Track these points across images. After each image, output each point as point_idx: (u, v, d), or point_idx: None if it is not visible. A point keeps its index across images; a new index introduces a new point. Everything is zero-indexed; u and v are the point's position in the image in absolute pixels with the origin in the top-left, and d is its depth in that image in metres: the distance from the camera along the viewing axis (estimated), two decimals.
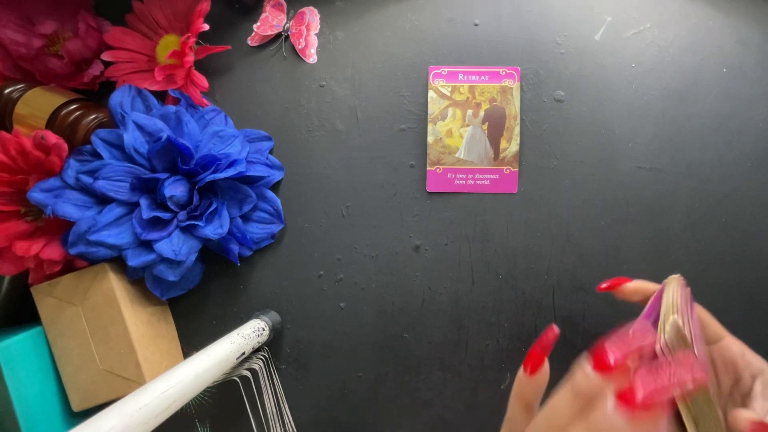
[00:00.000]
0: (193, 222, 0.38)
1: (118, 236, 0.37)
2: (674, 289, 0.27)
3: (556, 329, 0.26)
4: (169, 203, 0.38)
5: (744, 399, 0.26)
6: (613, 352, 0.20)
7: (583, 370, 0.20)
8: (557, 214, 0.42)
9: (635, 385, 0.18)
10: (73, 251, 0.37)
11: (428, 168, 0.42)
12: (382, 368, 0.43)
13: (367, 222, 0.43)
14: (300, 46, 0.43)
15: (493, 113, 0.42)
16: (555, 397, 0.21)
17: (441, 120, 0.42)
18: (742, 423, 0.23)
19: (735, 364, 0.27)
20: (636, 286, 0.32)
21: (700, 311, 0.28)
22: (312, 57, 0.43)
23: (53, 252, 0.38)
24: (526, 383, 0.25)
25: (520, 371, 0.25)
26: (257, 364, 0.40)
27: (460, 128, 0.42)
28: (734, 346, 0.27)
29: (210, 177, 0.38)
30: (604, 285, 0.33)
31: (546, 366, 0.25)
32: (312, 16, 0.43)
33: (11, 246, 0.37)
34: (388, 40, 0.43)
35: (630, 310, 0.41)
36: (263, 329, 0.40)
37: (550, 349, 0.25)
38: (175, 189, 0.38)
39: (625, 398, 0.18)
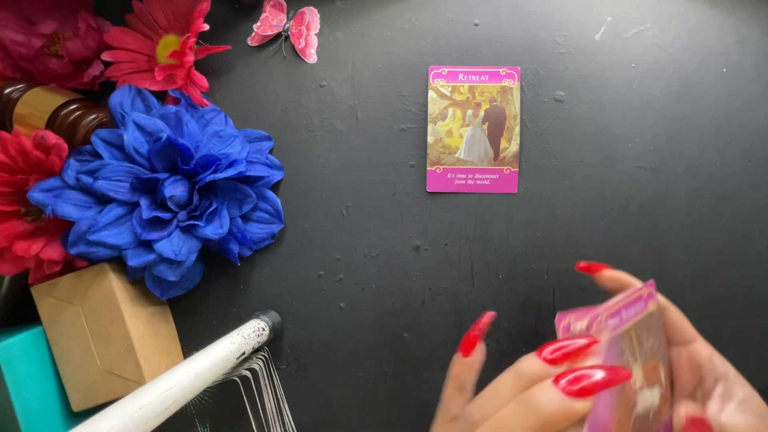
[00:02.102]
0: (193, 222, 0.38)
1: (118, 236, 0.37)
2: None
3: (492, 313, 0.28)
4: (169, 203, 0.38)
5: (704, 400, 0.26)
6: (561, 349, 0.21)
7: (529, 357, 0.22)
8: (557, 214, 0.42)
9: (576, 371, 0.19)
10: (73, 251, 0.37)
11: (428, 168, 0.42)
12: (382, 368, 0.43)
13: (367, 222, 0.43)
14: (300, 46, 0.43)
15: (493, 113, 0.42)
16: (498, 378, 0.22)
17: (441, 120, 0.42)
18: (682, 415, 0.24)
19: (701, 366, 0.27)
20: (614, 275, 0.32)
21: (674, 313, 0.29)
22: (312, 57, 0.43)
23: (53, 252, 0.38)
24: (460, 364, 0.26)
25: (456, 355, 0.26)
26: (257, 364, 0.40)
27: (460, 128, 0.42)
28: (703, 350, 0.27)
29: (210, 177, 0.38)
30: (582, 264, 0.34)
31: (480, 348, 0.26)
32: (312, 16, 0.43)
33: (11, 246, 0.37)
34: (388, 40, 0.43)
35: None
36: (263, 329, 0.40)
37: (484, 332, 0.27)
38: (175, 189, 0.38)
39: (562, 378, 0.19)
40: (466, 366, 0.26)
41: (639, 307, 0.26)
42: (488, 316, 0.28)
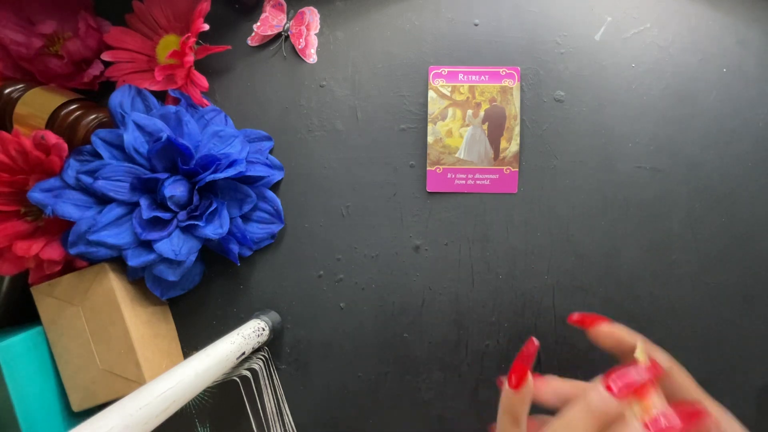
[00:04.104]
0: (193, 222, 0.38)
1: (118, 236, 0.37)
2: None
3: (536, 342, 0.27)
4: (169, 203, 0.38)
5: None
6: (632, 376, 0.22)
7: (599, 391, 0.21)
8: (557, 214, 0.42)
9: (661, 415, 0.20)
10: (73, 251, 0.37)
11: (428, 168, 0.42)
12: (382, 368, 0.43)
13: (367, 222, 0.43)
14: (300, 46, 0.43)
15: (493, 113, 0.42)
16: (568, 414, 0.22)
17: (441, 120, 0.42)
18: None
19: (708, 429, 0.26)
20: (611, 331, 0.28)
21: (677, 372, 0.27)
22: (312, 57, 0.43)
23: (53, 252, 0.38)
24: (512, 397, 0.25)
25: (505, 386, 0.25)
26: (257, 364, 0.40)
27: (460, 128, 0.42)
28: (712, 412, 0.26)
29: (210, 177, 0.38)
30: (575, 317, 0.31)
31: (530, 378, 0.25)
32: (312, 16, 0.43)
33: (11, 246, 0.37)
34: (388, 40, 0.43)
35: (631, 311, 0.42)
36: (263, 329, 0.40)
37: (532, 361, 0.26)
38: (175, 189, 0.38)
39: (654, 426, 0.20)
40: (518, 398, 0.25)
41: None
42: (533, 346, 0.27)
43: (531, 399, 0.25)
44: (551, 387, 0.26)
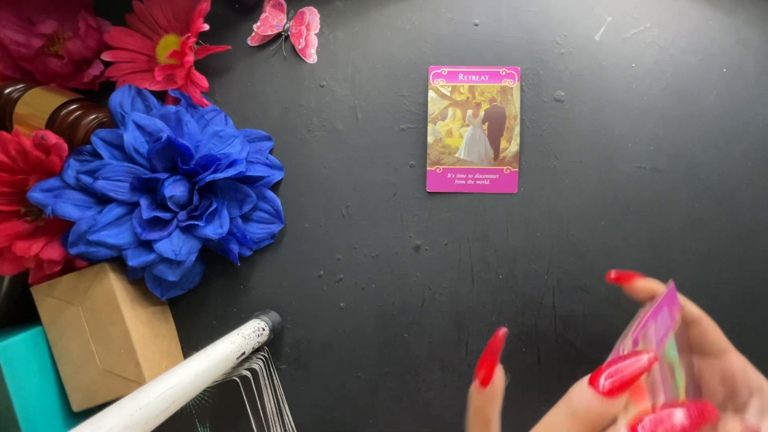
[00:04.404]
0: (193, 222, 0.38)
1: (118, 236, 0.37)
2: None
3: (503, 330, 0.25)
4: (169, 203, 0.38)
5: (736, 412, 0.26)
6: (614, 376, 0.19)
7: (581, 390, 0.19)
8: (557, 214, 0.42)
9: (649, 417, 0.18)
10: (73, 251, 0.37)
11: (428, 168, 0.42)
12: (382, 368, 0.43)
13: (367, 222, 0.43)
14: (300, 46, 0.43)
15: (493, 113, 0.42)
16: (550, 416, 0.20)
17: (441, 120, 0.42)
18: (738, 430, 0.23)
19: (734, 379, 0.26)
20: (647, 285, 0.30)
21: (707, 323, 0.28)
22: (312, 57, 0.43)
23: (53, 252, 0.38)
24: (480, 396, 0.23)
25: (473, 384, 0.23)
26: (257, 364, 0.40)
27: (460, 128, 0.42)
28: (737, 362, 0.27)
29: (210, 177, 0.38)
30: (613, 275, 0.31)
31: (499, 374, 0.23)
32: (312, 16, 0.43)
33: (11, 246, 0.37)
34: (388, 40, 0.43)
35: (631, 311, 0.41)
36: (263, 329, 0.40)
37: (499, 353, 0.24)
38: (175, 189, 0.38)
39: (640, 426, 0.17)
40: (487, 397, 0.23)
41: (666, 318, 0.25)
42: (500, 335, 0.25)
43: (502, 396, 0.23)
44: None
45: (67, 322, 0.39)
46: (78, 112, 0.38)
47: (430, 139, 0.42)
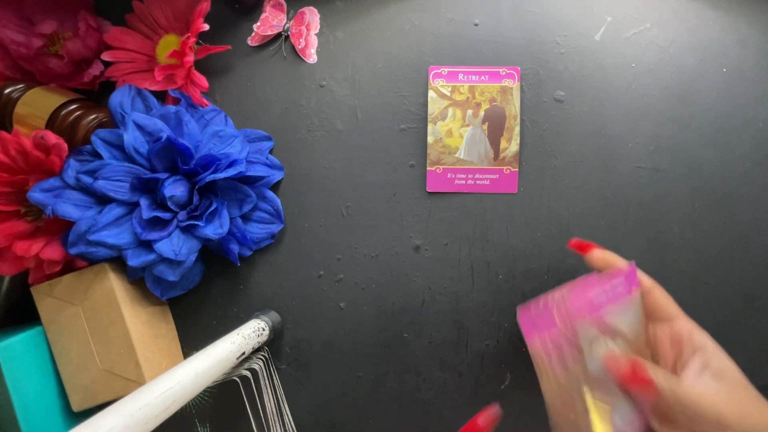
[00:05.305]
0: (193, 222, 0.38)
1: (118, 236, 0.37)
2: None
3: (496, 410, 0.30)
4: (169, 203, 0.38)
5: (682, 371, 0.27)
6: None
7: None
8: (557, 214, 0.42)
9: None
10: (73, 251, 0.37)
11: (428, 168, 0.42)
12: (382, 368, 0.43)
13: (367, 222, 0.43)
14: (300, 46, 0.43)
15: (493, 113, 0.42)
16: None
17: (441, 120, 0.42)
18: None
19: (681, 341, 0.29)
20: (604, 256, 0.33)
21: (658, 293, 0.30)
22: (312, 57, 0.43)
23: (53, 252, 0.38)
24: None
25: None
26: (257, 364, 0.40)
27: (460, 128, 0.42)
28: (685, 326, 0.29)
29: (210, 177, 0.38)
30: (574, 241, 0.36)
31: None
32: (312, 16, 0.43)
33: (11, 246, 0.37)
34: (388, 40, 0.43)
35: None
36: (263, 329, 0.40)
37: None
38: (175, 189, 0.38)
39: None
40: None
41: (622, 287, 0.29)
42: (493, 414, 0.31)
43: None
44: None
45: (67, 322, 0.39)
46: (78, 112, 0.39)
47: (430, 139, 0.42)
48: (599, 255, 0.33)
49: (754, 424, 0.24)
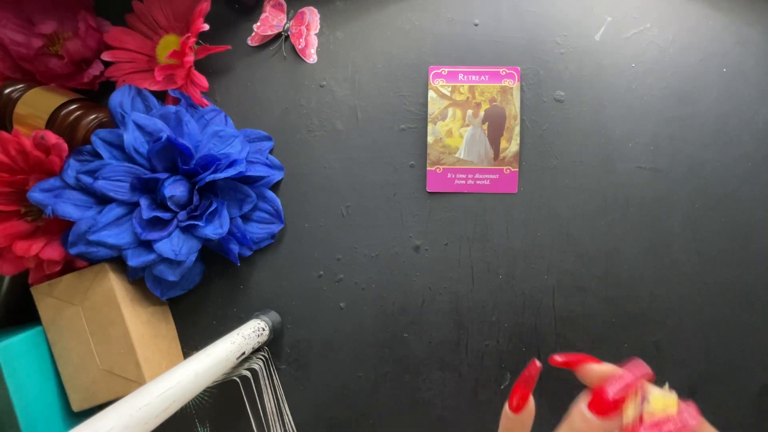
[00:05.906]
0: (193, 222, 0.38)
1: (118, 236, 0.37)
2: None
3: (538, 363, 0.25)
4: (169, 203, 0.38)
5: None
6: (609, 391, 0.20)
7: (581, 412, 0.20)
8: (557, 214, 0.42)
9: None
10: (73, 251, 0.37)
11: (428, 168, 0.42)
12: (382, 368, 0.43)
13: (367, 222, 0.43)
14: (300, 46, 0.43)
15: (493, 113, 0.42)
16: None
17: (441, 120, 0.42)
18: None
19: None
20: (602, 370, 0.24)
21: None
22: (312, 57, 0.43)
23: (53, 252, 0.38)
24: (512, 420, 0.24)
25: (506, 408, 0.24)
26: (257, 364, 0.40)
27: (460, 128, 0.42)
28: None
29: (210, 177, 0.38)
30: (558, 358, 0.26)
31: (531, 402, 0.24)
32: (312, 16, 0.43)
33: (11, 246, 0.37)
34: (388, 40, 0.43)
35: (630, 312, 0.42)
36: (263, 329, 0.40)
37: (534, 384, 0.25)
38: (175, 189, 0.38)
39: None
40: (517, 422, 0.24)
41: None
42: (535, 368, 0.25)
43: (531, 423, 0.24)
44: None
45: (67, 322, 0.39)
46: (78, 112, 0.38)
47: (430, 139, 0.42)
48: (598, 370, 0.24)
49: None
